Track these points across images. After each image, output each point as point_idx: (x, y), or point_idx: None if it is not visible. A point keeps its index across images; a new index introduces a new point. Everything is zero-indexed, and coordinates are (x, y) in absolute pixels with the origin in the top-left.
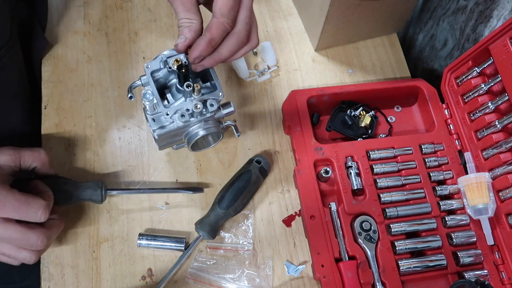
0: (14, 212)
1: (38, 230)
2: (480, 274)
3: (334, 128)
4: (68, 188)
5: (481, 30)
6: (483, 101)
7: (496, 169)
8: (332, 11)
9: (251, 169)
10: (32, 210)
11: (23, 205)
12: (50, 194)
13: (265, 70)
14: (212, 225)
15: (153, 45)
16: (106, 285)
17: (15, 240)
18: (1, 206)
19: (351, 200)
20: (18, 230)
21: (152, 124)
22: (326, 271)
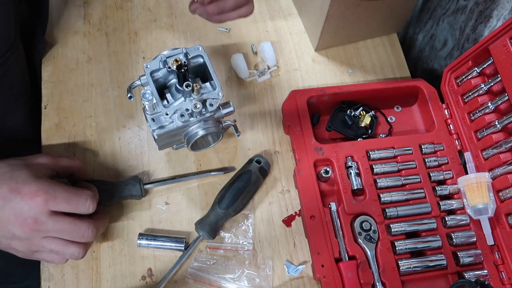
0: (65, 204)
1: (87, 220)
2: (480, 274)
3: (334, 128)
4: (108, 188)
5: (481, 30)
6: (483, 101)
7: (496, 169)
8: (332, 11)
9: (251, 169)
10: (82, 200)
11: (73, 196)
12: (94, 188)
13: (265, 70)
14: (212, 225)
15: (153, 45)
16: (106, 285)
17: (65, 232)
18: (52, 198)
19: (351, 200)
20: (69, 221)
21: (152, 124)
22: (326, 271)
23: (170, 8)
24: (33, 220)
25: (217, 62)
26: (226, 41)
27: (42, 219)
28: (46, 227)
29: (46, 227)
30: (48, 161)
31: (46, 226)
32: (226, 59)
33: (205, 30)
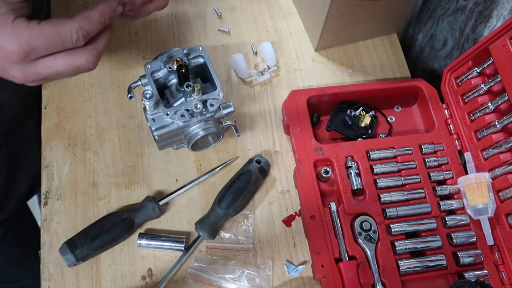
0: (47, 50)
1: (82, 52)
2: (480, 274)
3: (334, 128)
4: (126, 219)
5: (481, 30)
6: (483, 101)
7: (496, 169)
8: (332, 11)
9: (251, 169)
10: (67, 38)
11: (54, 38)
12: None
13: (265, 70)
14: (212, 225)
15: (153, 45)
16: (106, 285)
17: (63, 74)
18: (28, 51)
19: (351, 200)
20: (62, 63)
21: (152, 124)
22: (326, 271)
23: (170, 8)
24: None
25: (217, 62)
26: (226, 41)
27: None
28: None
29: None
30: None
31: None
32: (226, 59)
33: (205, 30)
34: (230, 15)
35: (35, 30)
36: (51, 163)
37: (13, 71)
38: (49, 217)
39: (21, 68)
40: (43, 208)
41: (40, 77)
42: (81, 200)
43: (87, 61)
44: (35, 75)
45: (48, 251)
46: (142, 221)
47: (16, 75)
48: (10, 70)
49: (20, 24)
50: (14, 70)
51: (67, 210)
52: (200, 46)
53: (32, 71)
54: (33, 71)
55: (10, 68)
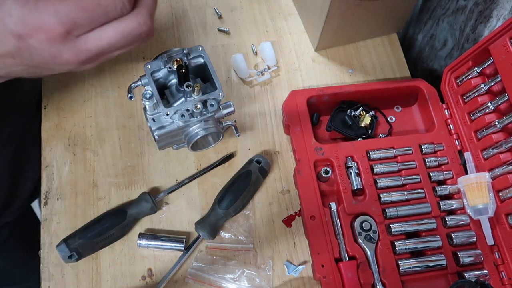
0: (90, 24)
1: (131, 15)
2: (480, 274)
3: (334, 128)
4: (121, 215)
5: (481, 30)
6: (483, 101)
7: (496, 169)
8: (332, 11)
9: (251, 169)
10: (110, 8)
11: (95, 9)
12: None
13: (265, 70)
14: (212, 225)
15: (153, 45)
16: (106, 285)
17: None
18: (69, 27)
19: (351, 200)
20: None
21: (152, 124)
22: (326, 271)
23: (170, 8)
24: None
25: (217, 62)
26: (226, 41)
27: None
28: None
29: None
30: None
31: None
32: (226, 59)
33: (205, 30)
34: (230, 15)
35: (71, 2)
36: (51, 163)
37: (64, 54)
38: (49, 217)
39: (69, 47)
40: (43, 208)
41: (94, 53)
42: (81, 200)
43: (139, 24)
44: (87, 51)
45: (48, 251)
46: (135, 213)
47: (68, 57)
48: (60, 53)
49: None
50: (64, 52)
51: (67, 210)
52: (200, 46)
53: (82, 48)
54: (84, 48)
55: (59, 51)
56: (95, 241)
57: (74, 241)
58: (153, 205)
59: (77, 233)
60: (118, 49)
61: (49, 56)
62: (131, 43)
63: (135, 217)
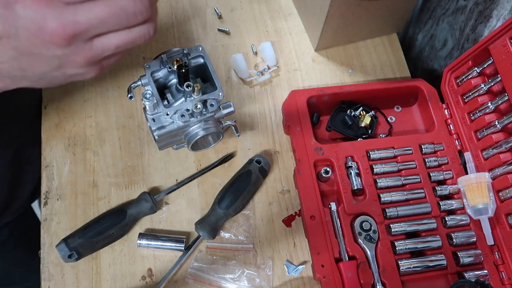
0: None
1: None
2: (480, 274)
3: (334, 128)
4: (120, 215)
5: (481, 30)
6: (483, 101)
7: (496, 169)
8: (332, 11)
9: (251, 169)
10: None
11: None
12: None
13: (265, 70)
14: (212, 225)
15: (153, 45)
16: (106, 285)
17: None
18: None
19: (351, 200)
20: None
21: (152, 124)
22: (326, 271)
23: (170, 8)
24: (56, 29)
25: (217, 62)
26: (226, 41)
27: (64, 20)
28: (76, 29)
29: (77, 29)
30: None
31: (76, 27)
32: (226, 59)
33: (205, 30)
34: (230, 15)
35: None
36: (51, 163)
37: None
38: (49, 217)
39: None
40: (43, 208)
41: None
42: (81, 200)
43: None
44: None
45: (48, 251)
46: (135, 212)
47: (53, 27)
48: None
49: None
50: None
51: (67, 210)
52: (200, 46)
53: (70, 18)
54: (71, 18)
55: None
56: (94, 241)
57: (73, 241)
58: (153, 205)
59: (77, 233)
60: (111, 30)
61: (34, 27)
62: (125, 24)
63: (135, 217)
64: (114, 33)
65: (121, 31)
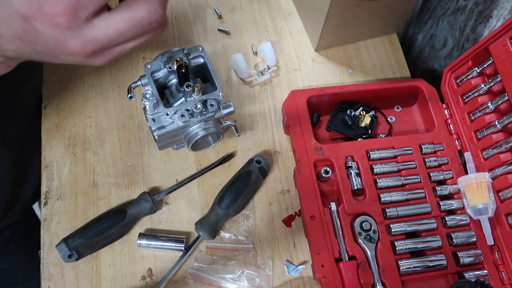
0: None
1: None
2: (480, 274)
3: (334, 128)
4: (120, 215)
5: (481, 30)
6: (483, 101)
7: (496, 169)
8: (332, 11)
9: (251, 169)
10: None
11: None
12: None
13: (265, 70)
14: (212, 225)
15: (153, 45)
16: (106, 285)
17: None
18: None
19: (351, 200)
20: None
21: (152, 124)
22: (326, 271)
23: (170, 8)
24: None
25: (217, 62)
26: (226, 41)
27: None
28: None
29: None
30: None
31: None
32: (226, 59)
33: (205, 30)
34: (230, 15)
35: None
36: (51, 163)
37: (69, 42)
38: (49, 217)
39: (75, 34)
40: (43, 208)
41: (101, 44)
42: (81, 200)
43: (149, 12)
44: (94, 41)
45: (48, 251)
46: (135, 212)
47: (74, 45)
48: (65, 40)
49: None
50: (69, 40)
51: (67, 210)
52: (200, 46)
53: (89, 36)
54: (91, 36)
55: (64, 38)
56: (94, 241)
57: (73, 241)
58: (153, 205)
59: (77, 233)
60: (129, 40)
61: (54, 42)
62: (142, 33)
63: (135, 217)
64: (131, 41)
65: (137, 38)
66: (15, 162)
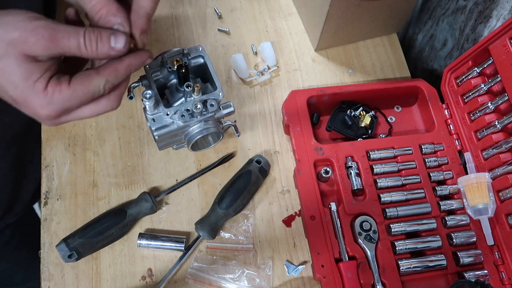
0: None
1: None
2: (480, 274)
3: (334, 128)
4: (121, 215)
5: (481, 30)
6: (483, 101)
7: (496, 169)
8: (332, 11)
9: (251, 169)
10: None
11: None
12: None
13: (265, 70)
14: (212, 225)
15: (153, 45)
16: (106, 285)
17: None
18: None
19: (351, 200)
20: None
21: (152, 124)
22: (326, 271)
23: (170, 8)
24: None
25: (217, 62)
26: (226, 41)
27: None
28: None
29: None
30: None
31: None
32: (226, 59)
33: (205, 30)
34: (230, 15)
35: (67, 93)
36: (51, 163)
37: (45, 122)
38: (49, 217)
39: (52, 122)
40: (43, 208)
41: (66, 122)
42: (81, 200)
43: (112, 107)
44: (62, 122)
45: (48, 251)
46: (135, 212)
47: (47, 124)
48: (42, 122)
49: (53, 89)
50: (45, 122)
51: (67, 210)
52: (200, 46)
53: (61, 121)
54: (62, 121)
55: (41, 121)
56: (94, 241)
57: (73, 241)
58: (153, 205)
59: (77, 233)
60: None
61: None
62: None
63: (134, 217)
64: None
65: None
66: (15, 162)
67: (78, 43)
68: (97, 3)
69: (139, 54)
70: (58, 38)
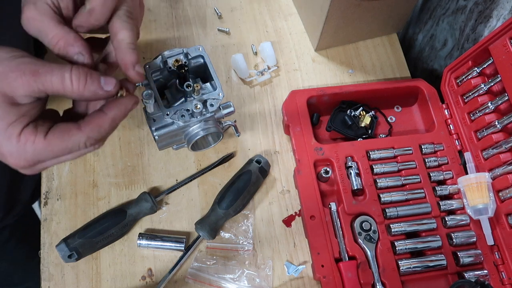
0: (52, 160)
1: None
2: (480, 274)
3: (334, 128)
4: (120, 216)
5: (481, 30)
6: (483, 101)
7: (496, 169)
8: (332, 11)
9: (251, 169)
10: (74, 149)
11: (60, 150)
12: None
13: (265, 70)
14: (212, 225)
15: (153, 45)
16: (106, 285)
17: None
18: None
19: (351, 200)
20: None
21: (152, 124)
22: (326, 271)
23: (170, 8)
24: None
25: (217, 62)
26: (226, 41)
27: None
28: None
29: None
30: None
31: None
32: (226, 59)
33: (205, 30)
34: (230, 15)
35: (41, 144)
36: None
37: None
38: (49, 217)
39: (23, 170)
40: (43, 208)
41: (42, 170)
42: (81, 200)
43: (93, 150)
44: (37, 171)
45: (48, 251)
46: (135, 212)
47: (20, 171)
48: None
49: (26, 138)
50: (17, 169)
51: (67, 210)
52: (200, 46)
53: (35, 170)
54: (37, 169)
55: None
56: (94, 241)
57: (73, 241)
58: (153, 205)
59: (77, 233)
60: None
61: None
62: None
63: (134, 217)
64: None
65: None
66: None
67: (62, 78)
68: (54, 36)
69: (124, 103)
70: (40, 73)
